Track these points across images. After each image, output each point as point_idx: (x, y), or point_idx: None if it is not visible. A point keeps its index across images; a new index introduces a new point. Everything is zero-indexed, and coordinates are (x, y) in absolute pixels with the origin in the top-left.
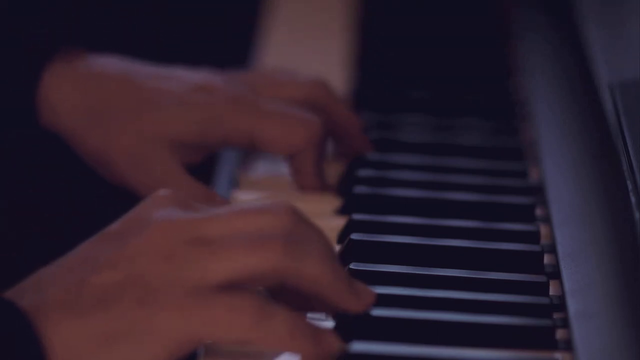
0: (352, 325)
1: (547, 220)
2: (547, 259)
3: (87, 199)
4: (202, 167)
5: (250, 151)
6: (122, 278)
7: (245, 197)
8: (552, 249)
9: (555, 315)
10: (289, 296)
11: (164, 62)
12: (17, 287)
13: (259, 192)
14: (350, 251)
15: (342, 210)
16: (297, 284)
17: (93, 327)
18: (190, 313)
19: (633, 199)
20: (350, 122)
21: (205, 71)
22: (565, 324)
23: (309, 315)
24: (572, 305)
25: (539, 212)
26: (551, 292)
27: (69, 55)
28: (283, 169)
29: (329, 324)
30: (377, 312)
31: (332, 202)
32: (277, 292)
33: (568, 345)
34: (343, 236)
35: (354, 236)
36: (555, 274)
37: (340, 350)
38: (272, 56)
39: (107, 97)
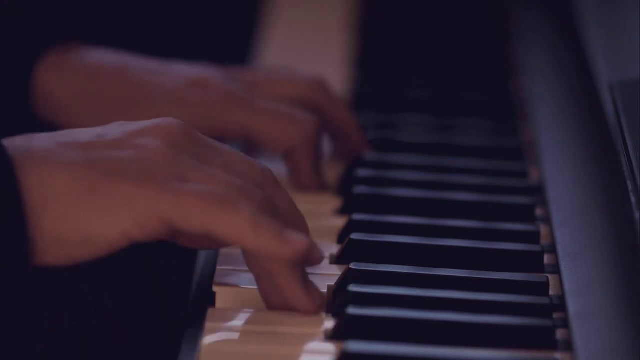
0: (350, 325)
1: (547, 220)
2: (547, 259)
3: None
4: None
5: (249, 151)
6: (118, 145)
7: None
8: (552, 249)
9: (555, 315)
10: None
11: (164, 60)
12: (10, 138)
13: None
14: (350, 251)
15: (342, 210)
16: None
17: (76, 179)
18: (166, 193)
19: (633, 199)
20: (347, 121)
21: (202, 66)
22: (565, 324)
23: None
24: (572, 305)
25: (539, 212)
26: (551, 292)
27: (65, 49)
28: (282, 169)
29: (330, 323)
30: (377, 311)
31: (332, 202)
32: None
33: (568, 345)
34: (343, 236)
35: (354, 236)
36: (555, 274)
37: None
38: (272, 55)
39: (102, 92)
